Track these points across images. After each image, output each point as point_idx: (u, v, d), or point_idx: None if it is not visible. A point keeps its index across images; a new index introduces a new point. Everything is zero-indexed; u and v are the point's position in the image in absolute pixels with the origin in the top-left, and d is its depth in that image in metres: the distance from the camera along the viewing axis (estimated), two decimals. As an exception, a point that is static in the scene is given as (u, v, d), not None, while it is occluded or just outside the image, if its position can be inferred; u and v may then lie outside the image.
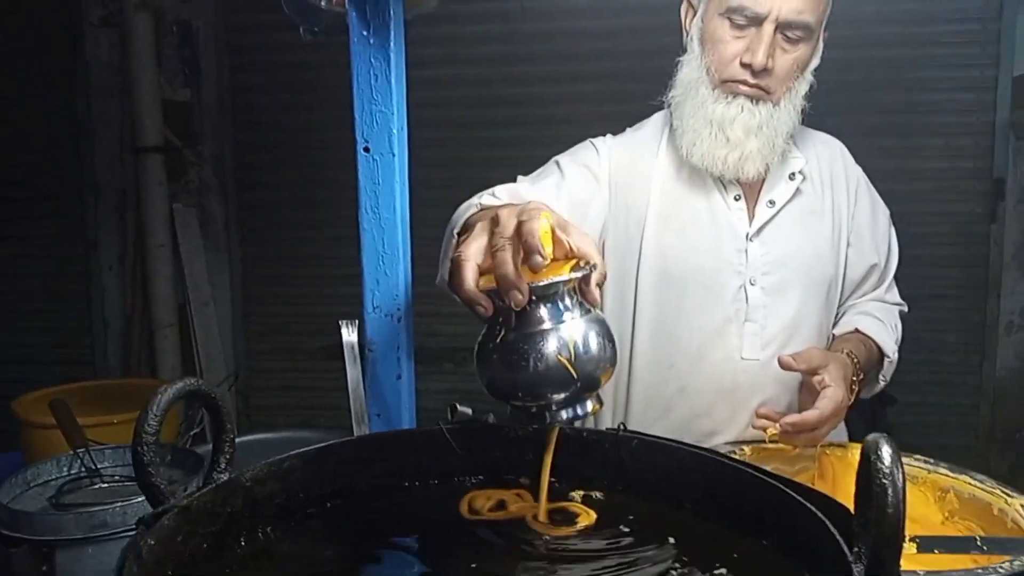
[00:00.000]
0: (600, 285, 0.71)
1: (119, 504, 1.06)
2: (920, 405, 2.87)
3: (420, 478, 0.79)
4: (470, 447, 0.80)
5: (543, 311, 0.67)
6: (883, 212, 1.39)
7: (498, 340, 0.68)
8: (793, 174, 1.27)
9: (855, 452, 1.10)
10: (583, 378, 0.66)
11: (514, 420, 0.71)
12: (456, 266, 0.68)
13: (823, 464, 1.12)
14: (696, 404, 1.22)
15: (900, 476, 0.46)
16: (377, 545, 0.70)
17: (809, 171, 1.29)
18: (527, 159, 1.31)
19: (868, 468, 0.48)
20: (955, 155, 2.89)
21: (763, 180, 1.25)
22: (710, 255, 1.24)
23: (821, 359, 1.15)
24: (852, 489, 0.51)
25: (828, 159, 1.33)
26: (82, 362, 3.19)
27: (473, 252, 0.69)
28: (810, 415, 1.09)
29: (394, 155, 1.01)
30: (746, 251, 1.25)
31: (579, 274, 0.68)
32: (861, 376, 1.25)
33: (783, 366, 1.14)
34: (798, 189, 1.27)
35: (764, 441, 1.12)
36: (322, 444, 0.75)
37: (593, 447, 0.79)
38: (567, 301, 0.68)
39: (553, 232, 0.69)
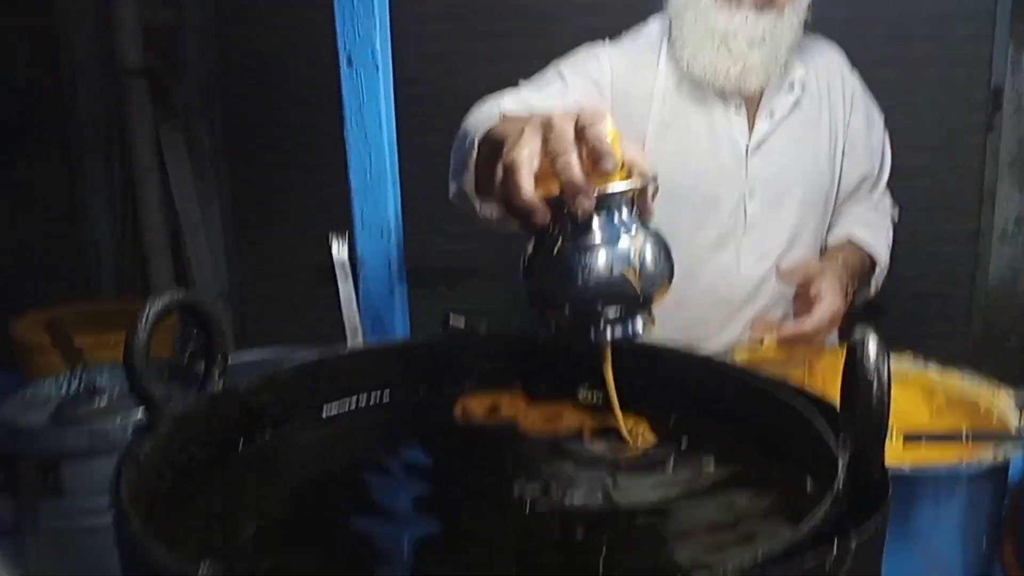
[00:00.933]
0: (654, 197, 0.66)
1: (120, 418, 1.07)
2: (912, 315, 2.90)
3: (414, 387, 0.80)
4: (463, 355, 0.81)
5: (602, 222, 0.63)
6: (878, 118, 1.38)
7: (554, 252, 0.63)
8: (792, 84, 1.26)
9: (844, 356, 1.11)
10: (645, 293, 0.63)
11: (555, 337, 0.67)
12: (509, 172, 0.62)
13: (813, 369, 1.13)
14: (691, 316, 1.23)
15: (885, 370, 0.47)
16: (375, 452, 0.71)
17: (807, 81, 1.27)
18: (520, 71, 1.29)
19: (854, 363, 0.49)
20: (953, 64, 2.84)
21: (763, 91, 1.23)
22: (710, 168, 1.23)
23: (817, 269, 1.16)
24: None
25: (826, 67, 1.31)
26: (75, 288, 3.20)
27: (526, 157, 0.63)
28: (806, 325, 1.10)
29: (378, 68, 0.99)
30: (746, 164, 1.24)
31: (645, 183, 0.64)
32: (855, 285, 1.26)
33: (780, 277, 1.15)
34: (797, 100, 1.26)
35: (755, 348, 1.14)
36: (316, 357, 0.75)
37: (580, 353, 0.79)
38: (627, 213, 0.64)
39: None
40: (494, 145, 0.83)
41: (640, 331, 0.66)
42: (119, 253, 3.17)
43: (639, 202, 0.65)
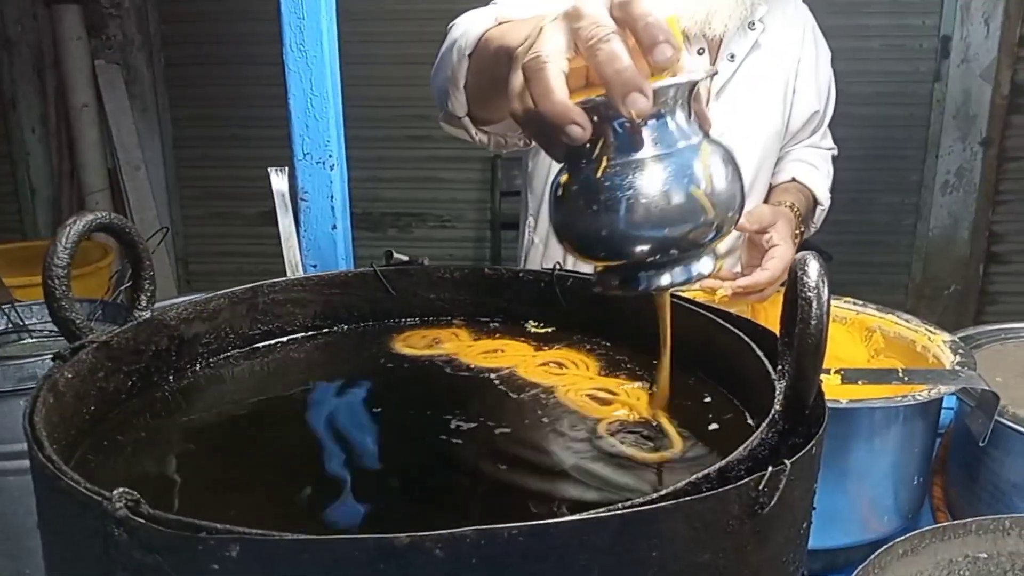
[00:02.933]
0: (707, 102, 0.57)
1: (48, 356, 1.03)
2: (855, 263, 2.96)
3: (353, 320, 0.78)
4: (405, 289, 0.79)
5: (658, 131, 0.49)
6: (825, 54, 1.36)
7: (598, 173, 0.49)
8: (753, 23, 1.23)
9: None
10: (719, 219, 0.50)
11: (605, 285, 0.54)
12: (533, 74, 0.49)
13: (755, 309, 1.14)
14: None
15: (825, 290, 0.46)
16: (313, 382, 0.70)
17: (768, 21, 1.25)
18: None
19: (794, 284, 0.48)
20: (903, 11, 2.86)
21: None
22: None
23: (771, 217, 1.14)
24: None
25: (783, 1, 1.29)
26: (10, 229, 3.09)
27: (553, 51, 0.49)
28: (761, 276, 1.09)
29: (318, -15, 0.94)
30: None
31: (708, 75, 0.52)
32: (803, 229, 1.27)
33: (737, 228, 1.13)
34: (756, 40, 1.23)
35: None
36: (251, 284, 0.73)
37: (528, 286, 0.78)
38: (685, 119, 0.51)
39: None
40: (495, 54, 0.71)
41: (707, 271, 0.53)
42: (56, 193, 3.06)
43: (696, 107, 0.52)
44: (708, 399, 0.63)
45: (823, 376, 0.73)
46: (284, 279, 0.75)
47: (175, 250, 3.13)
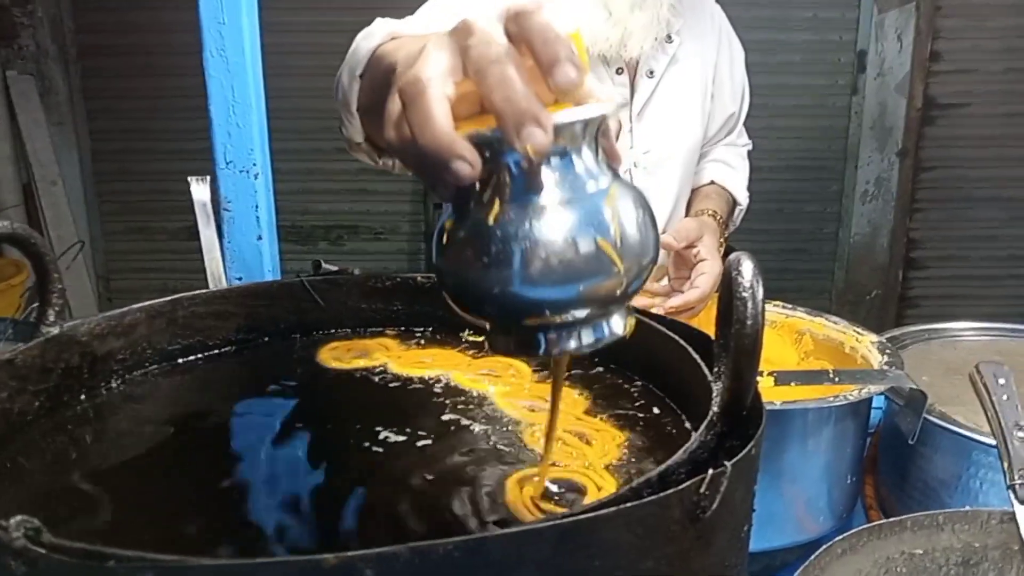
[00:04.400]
0: (617, 137, 0.48)
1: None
2: (779, 271, 3.03)
3: (279, 333, 0.75)
4: (334, 300, 0.76)
5: (561, 171, 0.42)
6: (739, 55, 1.35)
7: (489, 219, 0.41)
8: (670, 36, 1.22)
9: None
10: (629, 273, 0.43)
11: (498, 348, 0.47)
12: (410, 100, 0.41)
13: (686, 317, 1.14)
14: None
15: (759, 290, 0.45)
16: (236, 398, 0.66)
17: (683, 28, 1.25)
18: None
19: (729, 285, 0.48)
20: (822, 27, 2.95)
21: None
22: None
23: (696, 231, 1.13)
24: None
25: (696, 7, 1.28)
26: (-85, 247, 2.92)
27: (436, 73, 0.41)
28: (692, 295, 1.07)
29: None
30: (631, 131, 1.20)
31: (615, 107, 0.44)
32: (726, 236, 1.27)
33: (664, 247, 1.12)
34: (674, 54, 1.23)
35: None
36: (170, 297, 0.69)
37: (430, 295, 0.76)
38: (593, 157, 0.43)
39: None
40: (384, 74, 0.62)
41: (619, 332, 0.46)
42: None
43: (605, 143, 0.45)
44: (643, 403, 0.62)
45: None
46: (205, 291, 0.72)
47: (95, 267, 3.02)
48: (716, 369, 0.52)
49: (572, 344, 0.45)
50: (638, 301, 1.07)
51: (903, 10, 2.86)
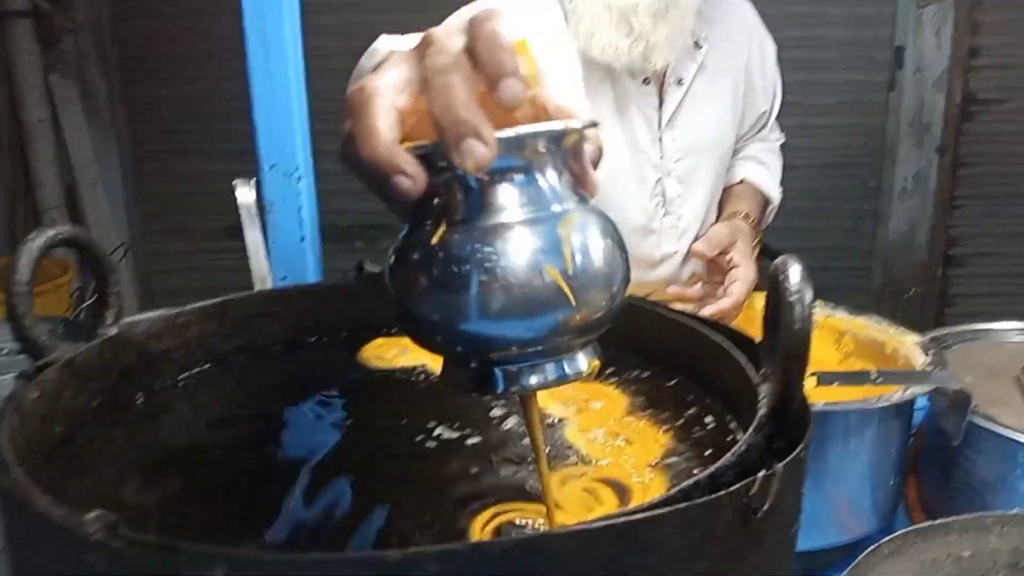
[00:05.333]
0: (596, 163, 0.45)
1: (11, 375, 1.00)
2: (816, 270, 2.98)
3: (326, 332, 0.76)
4: (377, 299, 0.77)
5: (515, 192, 0.40)
6: (771, 50, 1.32)
7: (433, 242, 0.39)
8: (698, 42, 1.20)
9: (756, 300, 1.13)
10: (584, 306, 0.40)
11: (451, 386, 0.44)
12: (355, 108, 0.40)
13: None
14: None
15: (808, 293, 0.46)
16: (288, 397, 0.68)
17: (711, 34, 1.22)
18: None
19: (776, 288, 0.48)
20: (858, 23, 2.91)
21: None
22: (627, 153, 1.16)
23: (729, 237, 1.12)
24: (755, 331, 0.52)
25: (724, 9, 1.26)
26: (-35, 249, 3.00)
27: (386, 83, 0.40)
28: (725, 304, 1.06)
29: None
30: (660, 140, 1.19)
31: (578, 125, 0.41)
32: (760, 237, 1.26)
33: (697, 256, 1.11)
34: (703, 61, 1.21)
35: None
36: (221, 298, 0.71)
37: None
38: (554, 180, 0.41)
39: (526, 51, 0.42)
40: None
41: (583, 371, 0.44)
42: (11, 212, 2.99)
43: (575, 167, 0.43)
44: (684, 403, 0.63)
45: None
46: (255, 291, 0.73)
47: (135, 267, 3.07)
48: (762, 371, 0.53)
49: (532, 380, 0.42)
50: (674, 304, 1.08)
51: (941, 5, 2.82)
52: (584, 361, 0.44)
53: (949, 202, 3.08)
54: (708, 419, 0.60)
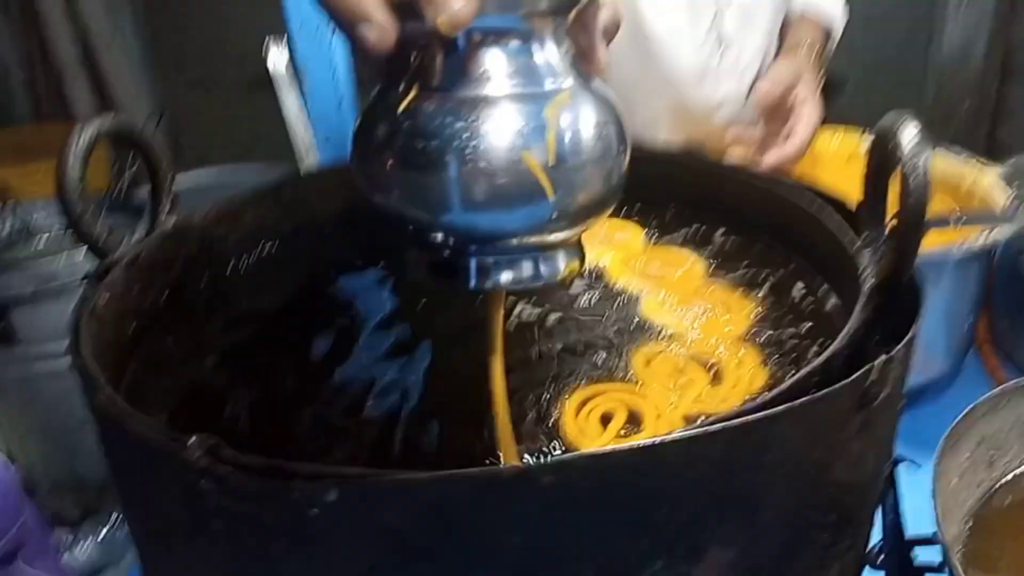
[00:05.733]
0: (610, 37, 0.39)
1: (64, 259, 1.00)
2: (868, 84, 2.85)
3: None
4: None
5: (502, 60, 0.34)
6: None
7: (400, 109, 0.35)
8: None
9: (826, 140, 1.07)
10: (563, 200, 0.35)
11: (416, 271, 0.41)
12: None
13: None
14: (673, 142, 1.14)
15: (925, 158, 0.42)
16: (349, 273, 0.67)
17: None
18: None
19: (882, 148, 0.44)
20: None
21: None
22: None
23: (794, 74, 1.04)
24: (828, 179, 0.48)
25: None
26: (-13, 118, 2.96)
27: None
28: (789, 149, 0.99)
29: None
30: None
31: None
32: (823, 70, 1.18)
33: (763, 95, 1.03)
34: None
35: None
36: (277, 179, 0.68)
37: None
38: (553, 51, 0.35)
39: None
40: None
41: (555, 271, 0.38)
42: (30, 75, 2.91)
43: (582, 40, 0.37)
44: (775, 269, 0.60)
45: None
46: (307, 172, 0.70)
47: (162, 121, 3.02)
48: (864, 235, 0.49)
49: (504, 277, 0.37)
50: (735, 153, 1.02)
51: None
52: (562, 261, 0.39)
53: (1008, 14, 2.87)
54: (799, 285, 0.57)
